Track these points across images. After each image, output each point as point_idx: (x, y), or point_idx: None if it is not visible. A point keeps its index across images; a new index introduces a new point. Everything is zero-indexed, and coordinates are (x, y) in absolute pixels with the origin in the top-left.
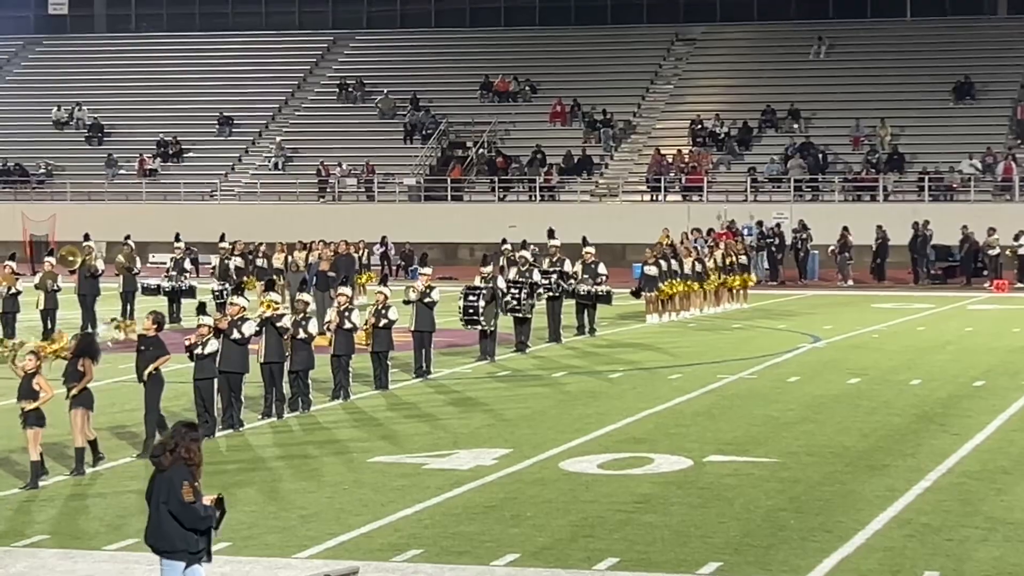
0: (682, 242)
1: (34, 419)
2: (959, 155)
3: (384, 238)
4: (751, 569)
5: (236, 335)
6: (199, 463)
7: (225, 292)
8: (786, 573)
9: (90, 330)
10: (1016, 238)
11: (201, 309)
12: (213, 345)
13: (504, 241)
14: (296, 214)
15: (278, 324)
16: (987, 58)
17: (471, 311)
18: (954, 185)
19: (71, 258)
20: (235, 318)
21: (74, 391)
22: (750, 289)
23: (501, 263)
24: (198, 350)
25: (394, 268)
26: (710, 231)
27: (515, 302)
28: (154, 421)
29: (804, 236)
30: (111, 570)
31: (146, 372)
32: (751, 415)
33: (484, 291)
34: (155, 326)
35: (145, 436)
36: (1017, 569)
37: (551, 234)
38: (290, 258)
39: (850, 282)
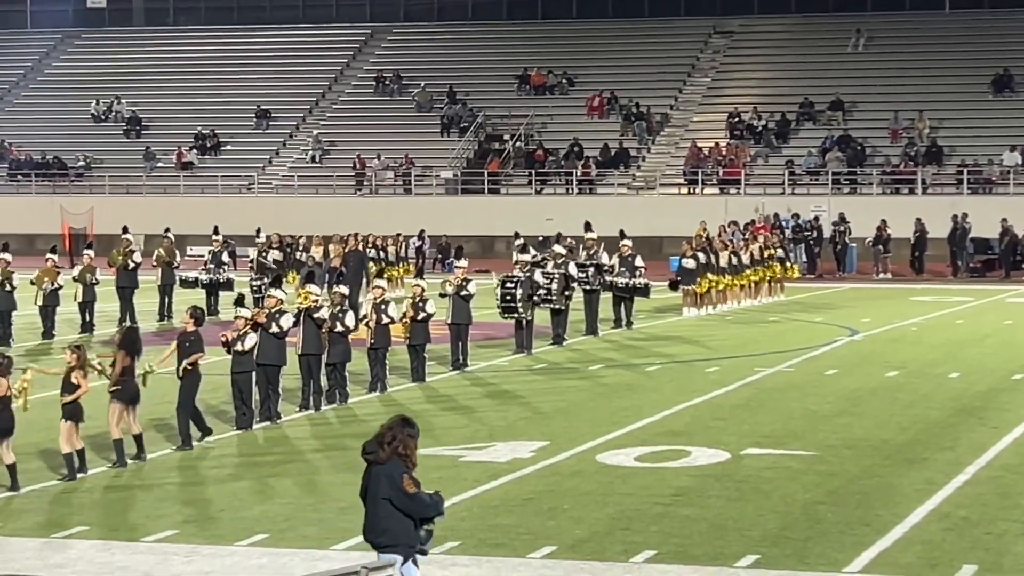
0: (719, 235)
1: (69, 412)
2: (998, 148)
3: (422, 232)
4: (788, 562)
5: (274, 328)
6: (415, 460)
7: (263, 286)
8: (824, 566)
9: (135, 324)
10: None
11: (239, 302)
12: (251, 340)
13: (517, 235)
14: (333, 207)
15: (315, 316)
16: None
17: (508, 299)
18: (993, 178)
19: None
20: (272, 311)
21: (110, 387)
22: (787, 282)
23: (515, 258)
24: (237, 347)
25: (430, 262)
26: (748, 224)
27: (547, 292)
28: (187, 414)
29: (843, 229)
30: (149, 561)
31: (181, 368)
32: (789, 408)
33: (522, 280)
34: (193, 321)
35: (179, 430)
36: None
37: (588, 227)
38: (327, 249)
39: (886, 275)
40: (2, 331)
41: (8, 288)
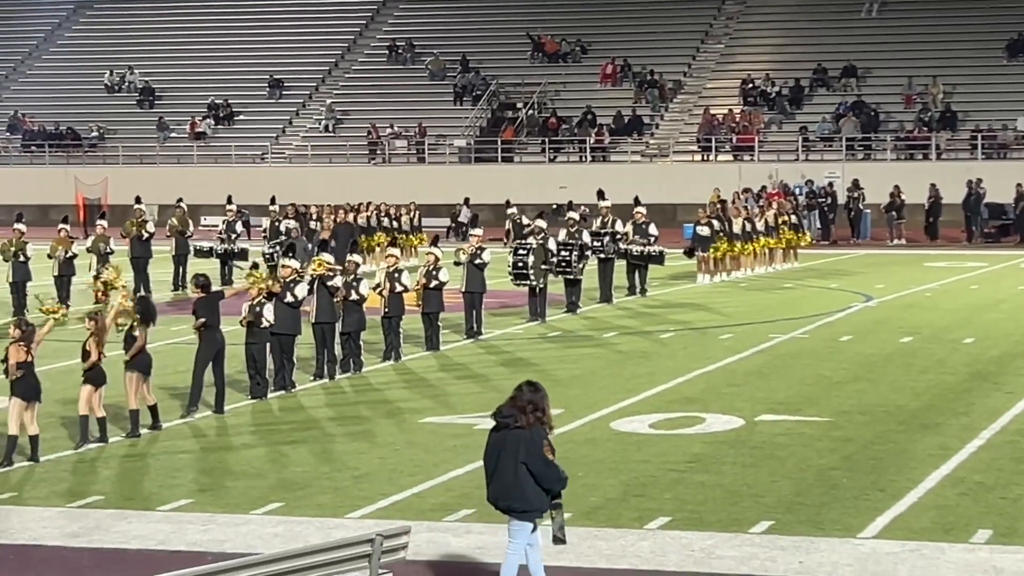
0: (733, 202)
1: (90, 377)
2: (1013, 112)
3: (467, 200)
4: (803, 528)
5: (289, 297)
6: (553, 423)
7: (276, 254)
8: (838, 532)
9: (148, 294)
10: None
11: (254, 269)
12: (269, 311)
13: (508, 204)
14: (347, 176)
15: (329, 284)
16: None
17: (520, 266)
18: (1008, 143)
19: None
20: (287, 280)
21: (127, 356)
22: (801, 249)
23: (507, 226)
24: (263, 324)
25: (444, 231)
26: (761, 190)
27: (564, 264)
28: (201, 376)
29: (856, 195)
30: (165, 530)
31: (194, 326)
32: (803, 374)
33: (534, 248)
34: (199, 289)
35: (191, 391)
36: None
37: (601, 195)
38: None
39: (900, 241)
40: (17, 301)
41: (23, 258)
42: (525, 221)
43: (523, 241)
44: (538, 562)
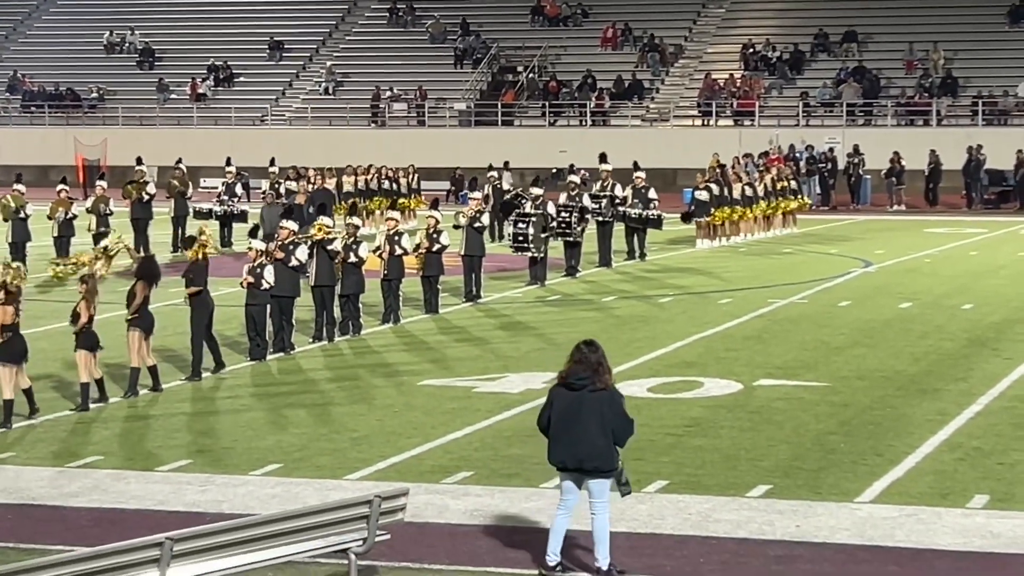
0: (732, 167)
1: (82, 342)
2: (1013, 79)
3: (506, 163)
4: (800, 492)
5: (293, 262)
6: None
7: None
8: (836, 496)
9: (152, 253)
10: None
11: (253, 233)
12: (270, 273)
13: (491, 167)
14: (346, 139)
15: (329, 248)
16: None
17: (520, 238)
18: (1008, 109)
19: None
20: (286, 242)
21: (128, 315)
22: (801, 214)
23: (486, 191)
24: (263, 286)
25: (444, 194)
26: (762, 155)
27: (565, 226)
28: (199, 344)
29: (857, 161)
30: (163, 491)
31: (186, 295)
32: (802, 339)
33: (534, 218)
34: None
35: (192, 359)
36: None
37: (603, 158)
38: (339, 181)
39: (898, 206)
40: (16, 262)
41: (23, 215)
42: (506, 186)
43: (523, 212)
44: (607, 518)
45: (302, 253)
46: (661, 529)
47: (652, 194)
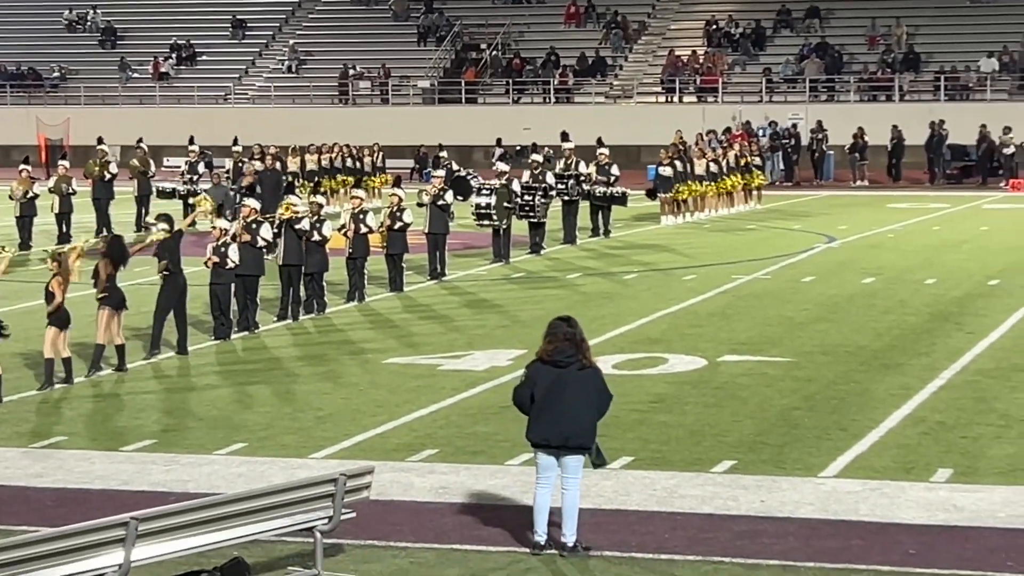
0: (696, 143)
1: (53, 320)
2: (975, 54)
3: (499, 140)
4: (765, 467)
5: (260, 243)
6: None
7: (239, 195)
8: (800, 471)
9: (119, 234)
10: None
11: (218, 212)
12: (234, 252)
13: (441, 147)
14: (310, 117)
15: (297, 227)
16: None
17: (483, 208)
18: (970, 84)
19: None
20: (249, 220)
21: (97, 294)
22: (765, 190)
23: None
24: (228, 264)
25: (407, 172)
26: (726, 131)
27: (528, 208)
28: (162, 320)
29: (820, 136)
30: (128, 470)
31: (159, 271)
32: (765, 315)
33: (497, 189)
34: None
35: (152, 335)
36: None
37: (565, 136)
38: (303, 160)
39: (861, 182)
40: None
41: None
42: (455, 167)
43: (485, 184)
44: (578, 495)
45: (267, 232)
46: (627, 505)
47: (615, 171)
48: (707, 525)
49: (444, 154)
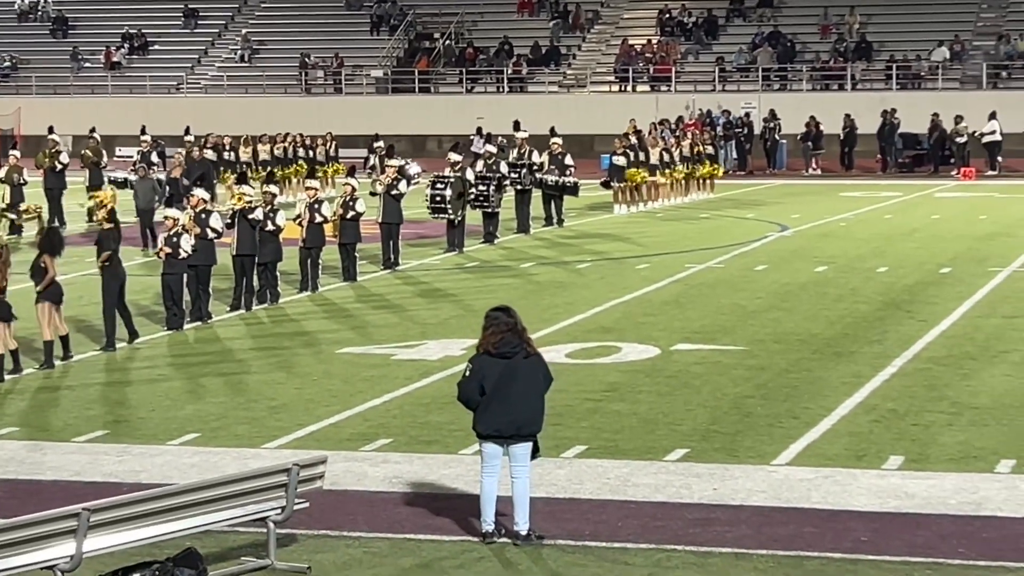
0: (650, 132)
1: None
2: (927, 43)
3: (479, 128)
4: (718, 455)
5: (210, 233)
6: None
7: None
8: (753, 459)
9: (56, 224)
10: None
11: (168, 202)
12: (187, 242)
13: (377, 137)
14: (263, 107)
15: (250, 216)
16: None
17: (438, 200)
18: (922, 73)
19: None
20: (198, 211)
21: (39, 287)
22: (717, 179)
23: (372, 162)
24: (180, 255)
25: (360, 161)
26: (679, 120)
27: (483, 198)
28: (112, 314)
29: (773, 125)
30: (80, 461)
31: (99, 265)
32: (718, 304)
33: (452, 180)
34: (108, 219)
35: (105, 329)
36: (981, 452)
37: (517, 126)
38: (255, 150)
39: (814, 171)
40: None
41: None
42: (491, 149)
43: (440, 175)
44: (528, 483)
45: (216, 222)
46: (580, 494)
47: (569, 160)
48: (660, 513)
49: (380, 144)
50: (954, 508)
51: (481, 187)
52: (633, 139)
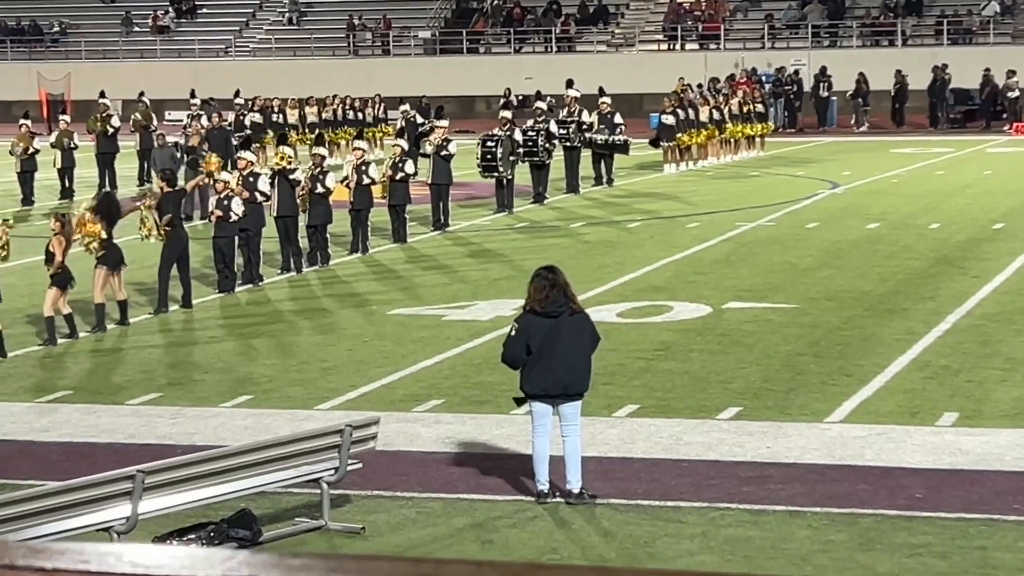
0: (699, 90)
1: (55, 280)
2: None
3: (508, 90)
4: (770, 413)
5: (259, 197)
6: None
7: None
8: (805, 416)
9: (111, 189)
10: None
11: (189, 168)
12: (238, 205)
13: (403, 101)
14: (311, 69)
15: (290, 177)
16: None
17: (489, 158)
18: (973, 28)
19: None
20: (245, 173)
21: (95, 252)
22: (767, 137)
23: (400, 125)
24: (231, 218)
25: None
26: (729, 78)
27: (531, 145)
28: (167, 277)
29: (824, 82)
30: (134, 424)
31: (160, 230)
32: (770, 262)
33: (502, 138)
34: (165, 183)
35: (159, 292)
36: None
37: (570, 84)
38: (301, 113)
39: (864, 128)
40: None
41: None
42: (419, 120)
43: (490, 133)
44: (579, 441)
45: (263, 184)
46: (632, 453)
47: (618, 119)
48: (713, 472)
49: (406, 107)
50: (1009, 464)
51: (530, 134)
52: (683, 97)
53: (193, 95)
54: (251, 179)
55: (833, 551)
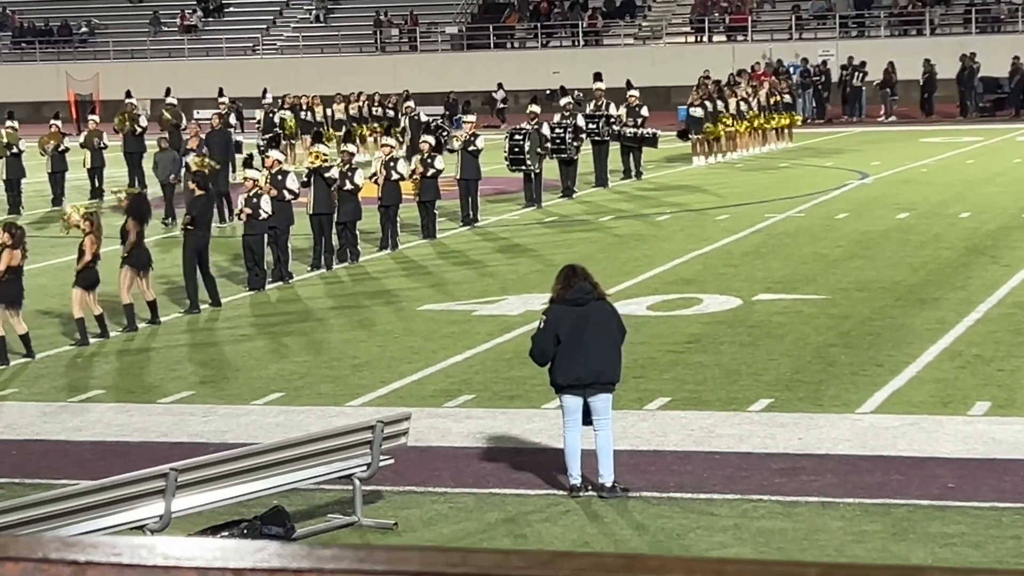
0: (728, 82)
1: (81, 279)
2: None
3: (500, 84)
4: (802, 405)
5: (287, 196)
6: None
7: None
8: (837, 407)
9: (142, 190)
10: None
11: (247, 163)
12: (267, 203)
13: (407, 96)
14: (339, 66)
15: (326, 175)
16: None
17: (516, 151)
18: (1002, 16)
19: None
20: (274, 172)
21: (123, 252)
22: (796, 128)
23: (403, 124)
24: (260, 215)
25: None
26: (740, 72)
27: (559, 141)
28: (192, 277)
29: (852, 73)
30: (166, 422)
31: (181, 226)
32: (800, 253)
33: (529, 132)
34: (197, 186)
35: (187, 293)
36: None
37: (598, 77)
38: (329, 111)
39: (892, 118)
40: (12, 199)
41: (16, 152)
42: (424, 118)
43: (518, 127)
44: (611, 435)
45: (292, 182)
46: (664, 446)
47: (645, 112)
48: (745, 464)
49: (411, 103)
50: None
51: (558, 130)
52: (712, 89)
53: (221, 93)
54: (279, 177)
55: (866, 542)
